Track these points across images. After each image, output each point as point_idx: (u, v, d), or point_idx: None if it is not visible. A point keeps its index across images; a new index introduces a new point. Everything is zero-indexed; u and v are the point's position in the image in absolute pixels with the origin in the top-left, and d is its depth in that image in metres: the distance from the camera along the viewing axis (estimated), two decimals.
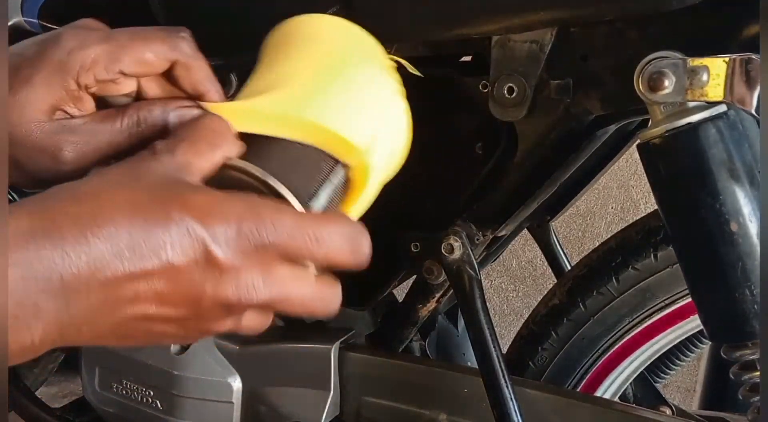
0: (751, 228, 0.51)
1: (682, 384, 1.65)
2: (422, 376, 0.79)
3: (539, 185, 0.72)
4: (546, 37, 0.62)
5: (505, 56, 0.64)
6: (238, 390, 0.84)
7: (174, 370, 0.85)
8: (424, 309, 0.83)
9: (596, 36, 0.61)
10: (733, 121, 0.52)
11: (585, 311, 0.79)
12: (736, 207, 0.51)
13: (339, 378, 0.80)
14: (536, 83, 0.63)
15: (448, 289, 0.81)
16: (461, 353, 1.00)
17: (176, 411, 0.86)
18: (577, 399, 0.74)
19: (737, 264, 0.52)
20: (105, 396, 0.91)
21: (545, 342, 0.82)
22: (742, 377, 0.56)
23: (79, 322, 0.37)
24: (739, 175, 0.51)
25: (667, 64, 0.53)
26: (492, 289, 1.79)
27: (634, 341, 0.79)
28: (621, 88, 0.60)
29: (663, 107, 0.54)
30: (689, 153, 0.52)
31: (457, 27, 0.63)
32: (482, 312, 0.72)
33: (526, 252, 1.73)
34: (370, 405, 0.80)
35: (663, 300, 0.76)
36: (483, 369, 0.71)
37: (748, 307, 0.52)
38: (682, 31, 0.57)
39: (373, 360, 0.80)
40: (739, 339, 0.54)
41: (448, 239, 0.73)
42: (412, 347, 0.92)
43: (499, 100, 0.65)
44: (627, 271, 0.76)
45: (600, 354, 0.81)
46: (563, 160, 0.70)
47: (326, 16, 0.55)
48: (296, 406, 0.82)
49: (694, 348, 0.92)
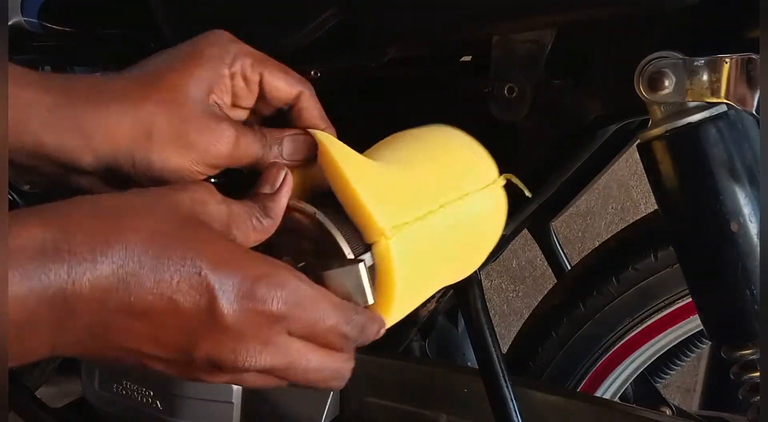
0: (751, 228, 0.51)
1: (682, 384, 1.65)
2: (422, 376, 0.79)
3: (539, 185, 0.72)
4: (546, 37, 0.62)
5: (505, 56, 0.64)
6: (238, 390, 0.84)
7: None
8: (423, 309, 0.83)
9: (596, 36, 0.61)
10: (733, 121, 0.52)
11: (585, 311, 0.79)
12: (736, 207, 0.51)
13: None
14: (536, 83, 0.63)
15: (448, 289, 0.81)
16: (461, 353, 1.00)
17: (176, 411, 0.86)
18: (577, 399, 0.74)
19: (737, 264, 0.52)
20: (105, 396, 0.91)
21: (545, 342, 0.82)
22: (742, 377, 0.56)
23: (72, 339, 0.36)
24: (739, 175, 0.51)
25: (667, 64, 0.53)
26: (492, 289, 1.79)
27: (634, 341, 0.79)
28: (621, 87, 0.60)
29: (663, 107, 0.54)
30: (689, 153, 0.52)
31: (457, 27, 0.63)
32: (482, 312, 0.72)
33: (526, 252, 1.73)
34: (371, 405, 0.80)
35: (663, 300, 0.76)
36: (483, 369, 0.71)
37: (748, 307, 0.52)
38: (682, 31, 0.57)
39: (374, 360, 0.80)
40: (739, 339, 0.54)
41: None
42: (412, 347, 0.92)
43: (499, 100, 0.65)
44: (627, 271, 0.76)
45: (600, 355, 0.81)
46: (563, 160, 0.70)
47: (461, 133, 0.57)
48: (296, 406, 0.82)
49: (694, 348, 0.92)
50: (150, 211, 0.37)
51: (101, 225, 0.35)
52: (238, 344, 0.37)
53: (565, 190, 0.89)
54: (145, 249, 0.35)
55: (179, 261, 0.36)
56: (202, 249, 0.36)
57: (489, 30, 0.63)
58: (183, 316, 0.36)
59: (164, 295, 0.35)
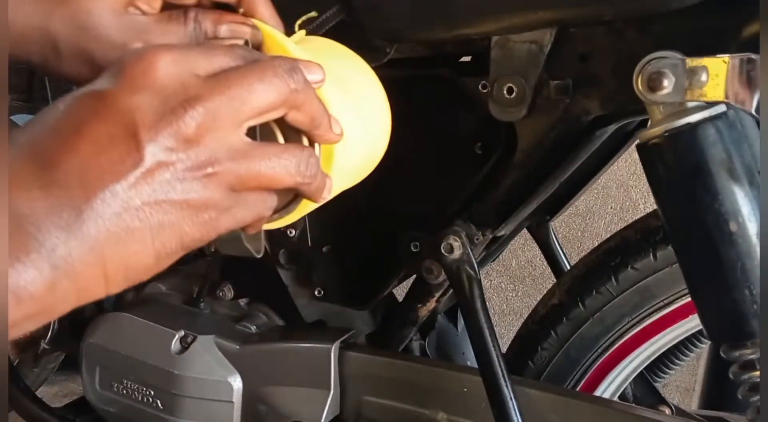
0: (751, 228, 0.51)
1: (681, 384, 1.66)
2: (422, 376, 0.79)
3: (539, 185, 0.72)
4: (545, 38, 0.62)
5: (504, 56, 0.64)
6: (238, 390, 0.84)
7: (174, 370, 0.85)
8: (423, 309, 0.83)
9: (596, 36, 0.61)
10: (732, 121, 0.53)
11: (584, 311, 0.79)
12: (735, 207, 0.51)
13: (339, 378, 0.81)
14: (536, 83, 0.63)
15: (448, 289, 0.81)
16: (461, 353, 1.00)
17: (176, 411, 0.86)
18: (577, 398, 0.74)
19: (737, 264, 0.52)
20: (105, 395, 0.91)
21: (545, 341, 0.82)
22: (741, 377, 0.56)
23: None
24: (738, 175, 0.52)
25: (666, 64, 0.53)
26: (492, 289, 1.79)
27: (633, 340, 0.79)
28: (620, 88, 0.60)
29: (662, 107, 0.54)
30: (688, 153, 0.52)
31: (457, 27, 0.63)
32: (482, 312, 0.72)
33: (525, 252, 1.73)
34: (370, 404, 0.80)
35: (662, 299, 0.76)
36: (483, 368, 0.71)
37: (747, 307, 0.52)
38: (682, 31, 0.57)
39: (373, 360, 0.81)
40: (739, 339, 0.54)
41: (447, 239, 0.73)
42: (412, 347, 0.92)
43: (499, 100, 0.65)
44: (626, 271, 0.76)
45: (599, 354, 0.81)
46: (563, 160, 0.70)
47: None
48: (296, 405, 0.82)
49: (694, 348, 0.92)
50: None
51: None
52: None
53: (565, 190, 0.90)
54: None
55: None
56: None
57: (488, 30, 0.64)
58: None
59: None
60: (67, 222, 0.34)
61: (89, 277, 0.36)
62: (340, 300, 0.84)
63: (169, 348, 0.85)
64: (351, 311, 0.85)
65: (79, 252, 0.35)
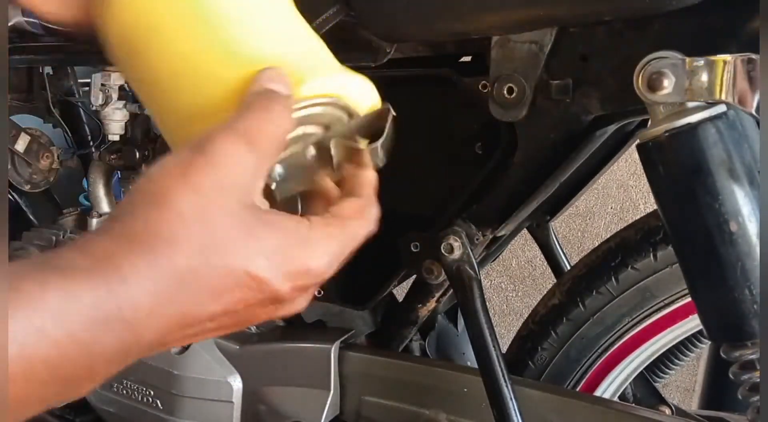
0: (751, 228, 0.51)
1: (681, 384, 1.66)
2: (422, 376, 0.79)
3: (539, 185, 0.72)
4: (546, 38, 0.62)
5: (504, 56, 0.64)
6: (238, 390, 0.84)
7: (174, 370, 0.85)
8: (423, 309, 0.83)
9: (596, 36, 0.61)
10: (732, 121, 0.52)
11: (584, 311, 0.79)
12: (735, 207, 0.51)
13: (339, 378, 0.81)
14: (536, 83, 0.63)
15: (448, 289, 0.81)
16: (461, 353, 1.00)
17: (176, 411, 0.86)
18: (577, 398, 0.74)
19: (737, 264, 0.52)
20: (105, 395, 0.91)
21: (545, 342, 0.82)
22: (741, 377, 0.56)
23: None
24: (738, 175, 0.51)
25: (666, 64, 0.53)
26: (492, 289, 1.79)
27: (633, 341, 0.79)
28: (621, 88, 0.60)
29: (662, 107, 0.54)
30: (689, 153, 0.52)
31: (457, 27, 0.63)
32: (482, 312, 0.72)
33: (525, 252, 1.73)
34: (370, 404, 0.80)
35: (662, 299, 0.76)
36: (483, 368, 0.71)
37: (747, 307, 0.52)
38: (682, 31, 0.57)
39: (373, 360, 0.81)
40: (739, 339, 0.54)
41: (448, 239, 0.73)
42: (412, 347, 0.92)
43: (499, 100, 0.65)
44: (626, 271, 0.76)
45: (599, 354, 0.81)
46: (563, 160, 0.70)
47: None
48: (296, 406, 0.82)
49: (694, 348, 0.92)
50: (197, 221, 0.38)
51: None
52: (294, 303, 0.43)
53: (565, 190, 0.90)
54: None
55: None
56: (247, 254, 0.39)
57: (488, 30, 0.64)
58: (245, 306, 0.40)
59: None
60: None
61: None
62: (339, 300, 0.84)
63: (169, 349, 0.85)
64: (351, 311, 0.85)
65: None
